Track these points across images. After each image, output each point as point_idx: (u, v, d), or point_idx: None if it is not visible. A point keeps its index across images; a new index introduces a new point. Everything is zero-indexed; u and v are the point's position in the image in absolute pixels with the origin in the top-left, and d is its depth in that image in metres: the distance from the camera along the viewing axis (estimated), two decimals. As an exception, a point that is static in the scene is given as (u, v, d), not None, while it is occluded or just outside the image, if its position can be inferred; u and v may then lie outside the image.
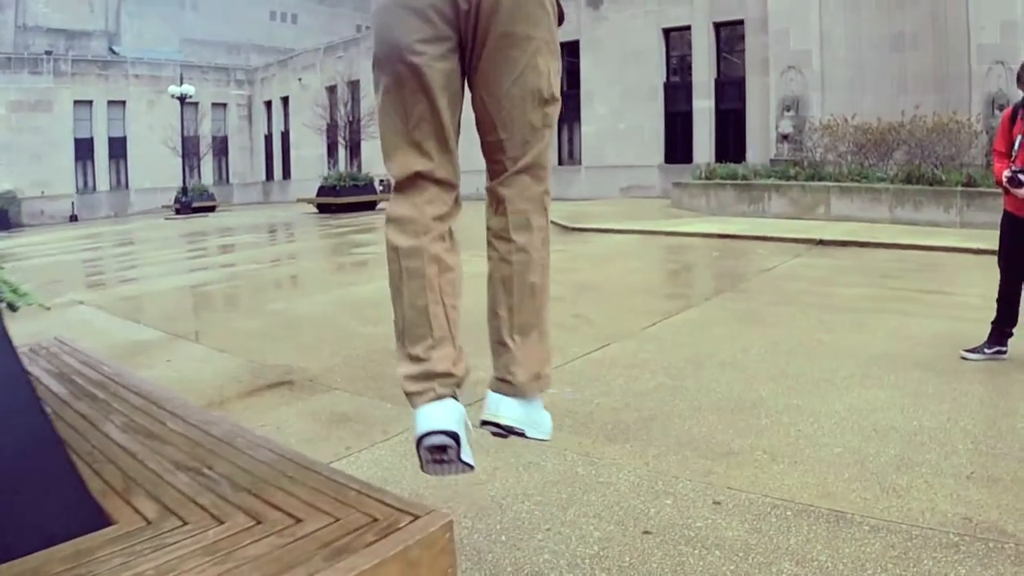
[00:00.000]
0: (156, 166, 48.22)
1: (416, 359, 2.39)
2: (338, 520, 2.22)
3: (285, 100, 51.94)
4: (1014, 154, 6.04)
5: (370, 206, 32.07)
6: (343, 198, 31.27)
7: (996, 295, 6.38)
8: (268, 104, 54.52)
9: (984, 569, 3.17)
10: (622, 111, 32.00)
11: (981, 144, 19.68)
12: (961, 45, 22.32)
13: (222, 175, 55.58)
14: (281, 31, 64.20)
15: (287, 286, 12.10)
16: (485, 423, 2.54)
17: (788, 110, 24.77)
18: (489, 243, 2.62)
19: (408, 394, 2.40)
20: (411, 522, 2.19)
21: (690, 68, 30.93)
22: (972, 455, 4.39)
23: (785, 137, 23.65)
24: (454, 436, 2.30)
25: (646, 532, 3.62)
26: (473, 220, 2.75)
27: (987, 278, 7.76)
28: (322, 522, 2.21)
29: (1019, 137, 6.04)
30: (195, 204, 39.48)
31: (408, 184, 2.43)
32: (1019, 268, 6.28)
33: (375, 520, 2.21)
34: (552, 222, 6.59)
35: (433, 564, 2.16)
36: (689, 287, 11.45)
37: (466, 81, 2.48)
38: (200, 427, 3.00)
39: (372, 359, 6.90)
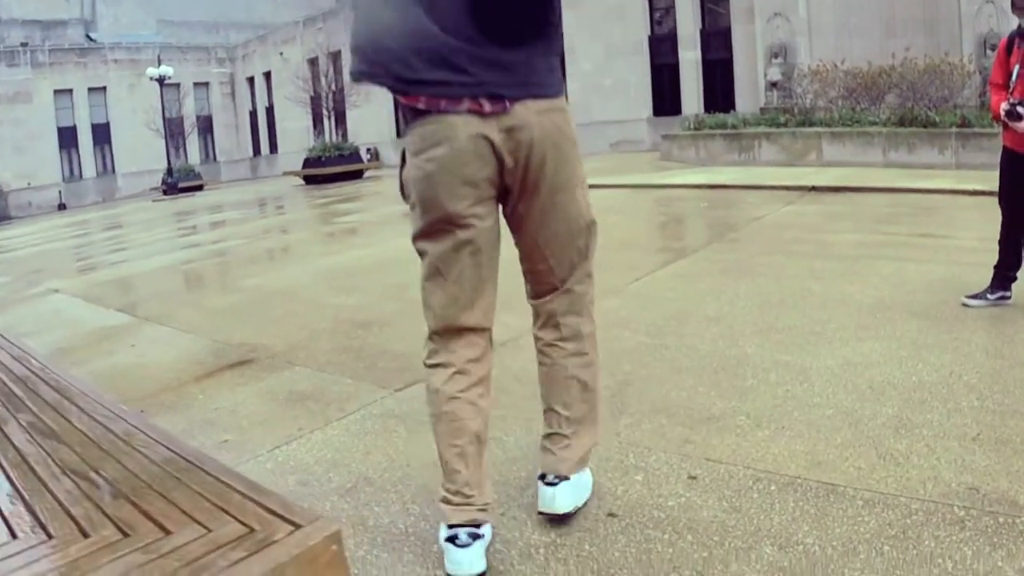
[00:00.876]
0: (141, 149, 48.24)
1: (451, 492, 2.79)
2: (209, 532, 1.91)
3: (267, 75, 51.69)
4: (1012, 85, 5.61)
5: (357, 175, 31.84)
6: (329, 168, 31.05)
7: (997, 237, 5.98)
8: (251, 80, 54.40)
9: (993, 549, 2.75)
10: (607, 66, 31.67)
11: (974, 85, 19.48)
12: (950, -16, 21.78)
13: (209, 154, 55.60)
14: (259, 6, 63.41)
15: (264, 260, 11.68)
16: (542, 513, 3.09)
17: (776, 57, 24.36)
18: (540, 351, 3.15)
19: (444, 512, 2.81)
20: (289, 534, 1.88)
21: (675, 20, 30.47)
22: (977, 413, 3.97)
23: (774, 85, 23.22)
24: None
25: (611, 514, 3.20)
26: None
27: (986, 220, 7.39)
28: (192, 534, 1.91)
29: (1016, 67, 5.61)
30: (181, 184, 39.23)
31: (445, 333, 2.82)
32: (1021, 208, 5.84)
33: (251, 531, 1.89)
34: None
35: (317, 583, 1.82)
36: (676, 240, 10.99)
37: (507, 219, 2.84)
38: (104, 424, 2.76)
39: (338, 331, 6.57)
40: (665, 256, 8.49)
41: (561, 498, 3.02)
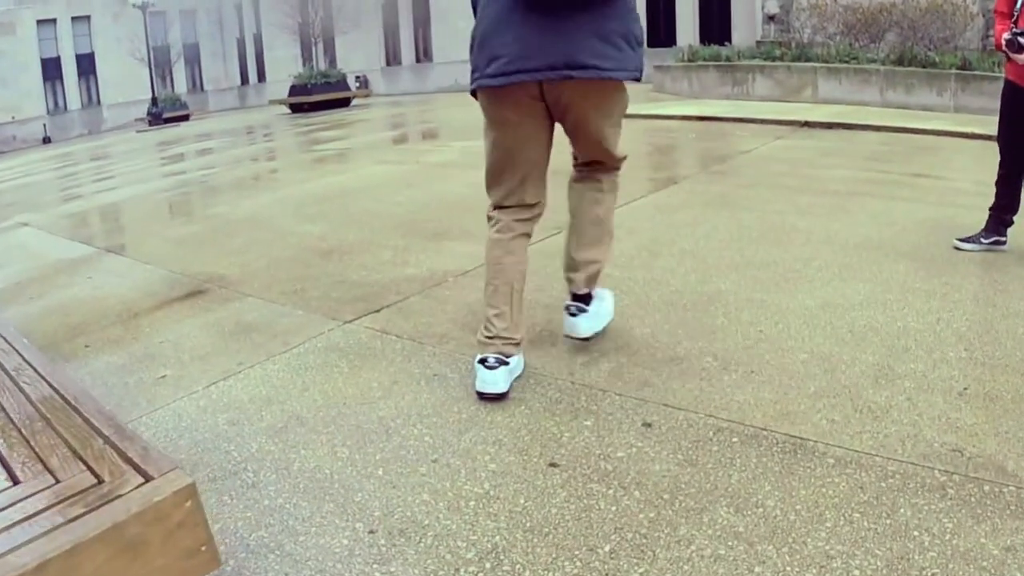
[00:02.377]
0: (127, 80, 47.57)
1: (486, 322, 3.45)
2: (58, 483, 1.77)
3: (255, 1, 50.40)
4: (1016, 13, 5.21)
5: (344, 103, 31.31)
6: (315, 96, 30.48)
7: (995, 178, 5.62)
8: (238, 7, 53.11)
9: (976, 523, 2.44)
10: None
11: (977, 27, 19.01)
12: (958, -78, 21.16)
13: (196, 83, 54.88)
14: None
15: (236, 189, 11.22)
16: (568, 336, 3.87)
17: (775, -10, 23.77)
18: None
19: (479, 344, 3.47)
20: (136, 487, 1.68)
21: (673, -53, 29.74)
22: (966, 365, 3.64)
23: (771, 18, 22.70)
24: (500, 396, 3.39)
25: (552, 464, 2.87)
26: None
27: (982, 164, 7.06)
28: (40, 484, 1.78)
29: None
30: (166, 115, 38.50)
31: (501, 206, 3.56)
32: (1021, 147, 5.49)
33: (99, 483, 1.74)
34: None
35: (168, 543, 1.64)
36: (659, 171, 10.48)
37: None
38: (12, 375, 2.57)
39: (298, 259, 6.22)
40: (645, 186, 8.05)
41: (584, 326, 3.80)
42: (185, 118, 39.54)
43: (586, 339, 3.82)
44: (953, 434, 2.98)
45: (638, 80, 3.34)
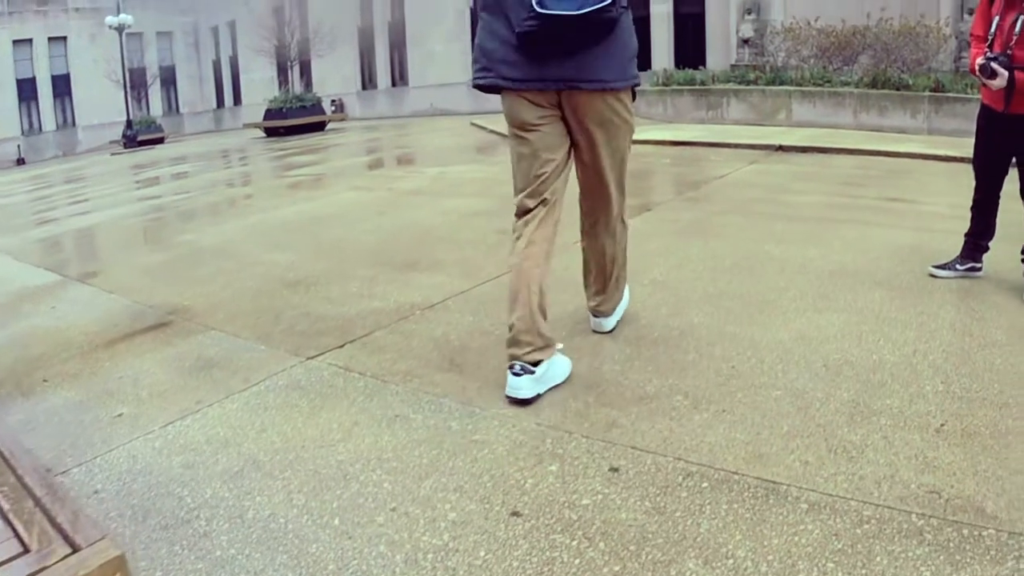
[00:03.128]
0: (103, 101, 47.29)
1: (509, 326, 3.72)
2: None
3: (231, 24, 50.37)
4: (991, 36, 5.15)
5: (319, 127, 31.20)
6: (290, 120, 30.37)
7: (970, 203, 5.55)
8: (215, 29, 53.03)
9: (955, 570, 2.34)
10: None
11: (950, 49, 19.29)
12: (931, -55, 21.38)
13: (172, 105, 54.67)
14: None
15: (205, 215, 11.09)
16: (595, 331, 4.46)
17: (749, 13, 23.81)
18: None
19: (508, 354, 3.70)
20: (63, 559, 1.58)
21: (647, -29, 29.80)
22: (943, 399, 3.54)
23: (746, 42, 22.72)
24: (524, 402, 3.62)
25: (515, 514, 2.75)
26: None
27: (957, 186, 7.01)
28: None
29: (996, 18, 5.15)
30: (141, 137, 38.16)
31: (523, 211, 3.83)
32: (997, 170, 5.43)
33: (25, 551, 1.67)
34: (499, 134, 10.46)
35: (94, 619, 1.48)
36: (631, 198, 10.20)
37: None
38: None
39: (264, 290, 6.07)
40: (616, 212, 7.98)
41: (606, 324, 4.51)
42: (160, 141, 39.26)
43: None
44: (930, 474, 2.88)
45: (636, 86, 3.85)
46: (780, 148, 13.37)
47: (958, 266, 5.53)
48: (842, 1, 21.55)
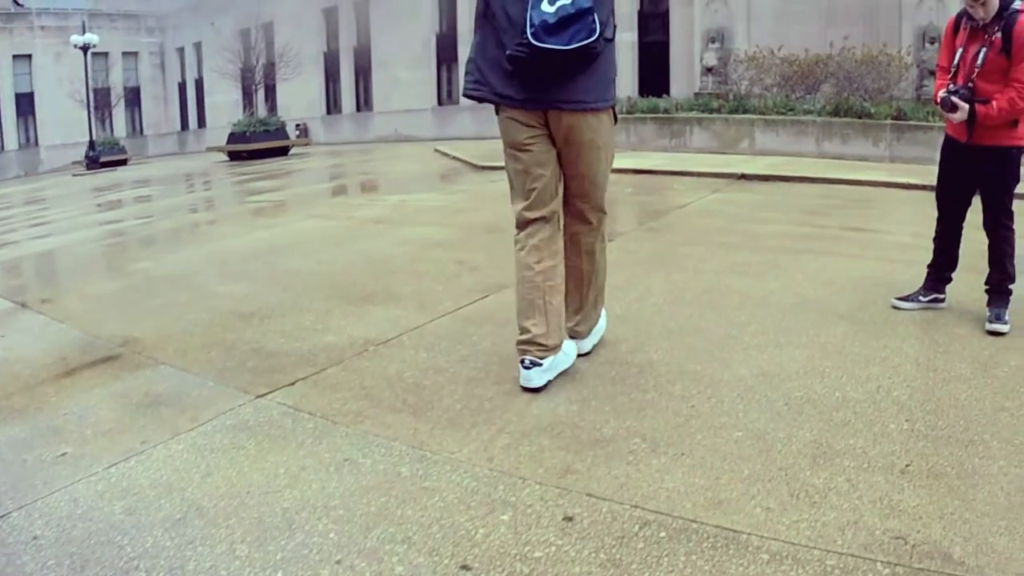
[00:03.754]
0: (67, 121, 46.62)
1: (521, 329, 4.11)
2: None
3: (198, 46, 50.03)
4: (955, 68, 5.12)
5: (283, 151, 30.88)
6: (254, 144, 30.00)
7: (933, 234, 5.50)
8: (181, 51, 52.62)
9: (924, 622, 2.22)
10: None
11: (911, 77, 19.49)
12: (892, -25, 21.61)
13: (136, 127, 53.97)
14: (194, -27, 61.69)
15: (162, 241, 10.88)
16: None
17: (713, 42, 23.85)
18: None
19: (518, 350, 4.13)
20: None
21: (612, -1, 29.84)
22: (907, 439, 3.46)
23: (709, 70, 22.76)
24: (536, 390, 4.07)
25: (464, 567, 2.62)
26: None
27: (920, 215, 6.97)
28: None
29: (960, 50, 5.14)
30: (103, 159, 37.58)
31: (522, 222, 4.21)
32: (960, 202, 5.40)
33: None
34: (461, 160, 12.51)
35: None
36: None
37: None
38: None
39: (216, 323, 5.88)
40: (579, 245, 7.88)
41: (583, 347, 4.63)
42: (123, 162, 38.68)
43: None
44: (896, 519, 2.78)
45: (614, 107, 4.22)
46: (743, 176, 13.37)
47: (921, 298, 5.48)
48: (805, 30, 21.71)
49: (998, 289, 5.21)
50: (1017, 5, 4.91)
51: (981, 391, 4.03)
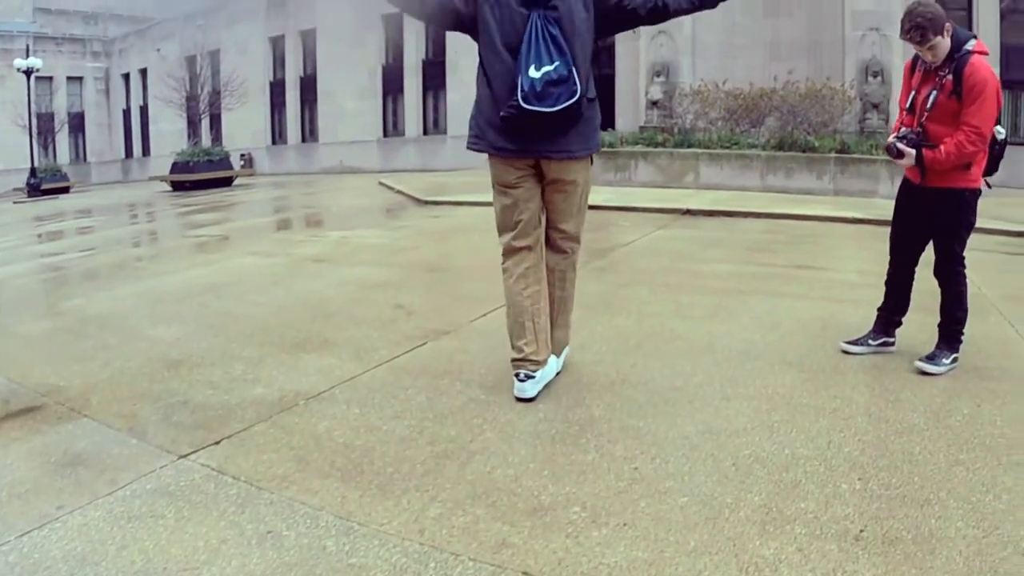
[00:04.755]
0: (9, 146, 45.69)
1: (516, 348, 4.62)
2: None
3: (144, 72, 49.43)
4: (907, 109, 5.10)
5: (226, 182, 30.51)
6: (197, 175, 29.62)
7: (878, 268, 5.42)
8: (126, 77, 51.93)
9: None
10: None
11: (855, 111, 19.76)
12: (836, 11, 21.97)
13: (79, 154, 53.05)
14: (141, -1, 60.98)
15: (98, 277, 10.49)
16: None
17: (658, 76, 23.90)
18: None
19: (513, 365, 4.64)
20: None
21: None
22: (861, 499, 3.31)
23: (655, 103, 22.79)
24: (531, 400, 4.55)
25: (388, 661, 2.40)
26: None
27: (865, 250, 6.89)
28: None
29: (913, 93, 5.11)
30: (45, 186, 36.84)
31: (509, 250, 4.72)
32: (913, 246, 5.31)
33: None
34: (405, 194, 12.69)
35: None
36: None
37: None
38: None
39: (144, 371, 5.57)
40: (517, 288, 7.67)
41: (556, 364, 4.93)
42: (65, 190, 37.85)
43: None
44: (852, 597, 2.60)
45: (597, 151, 4.82)
46: (688, 212, 13.34)
47: (871, 341, 5.39)
48: (750, 64, 21.87)
49: (947, 334, 5.12)
50: (970, 45, 4.82)
51: (935, 443, 3.90)
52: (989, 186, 5.17)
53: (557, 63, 4.23)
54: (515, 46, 4.33)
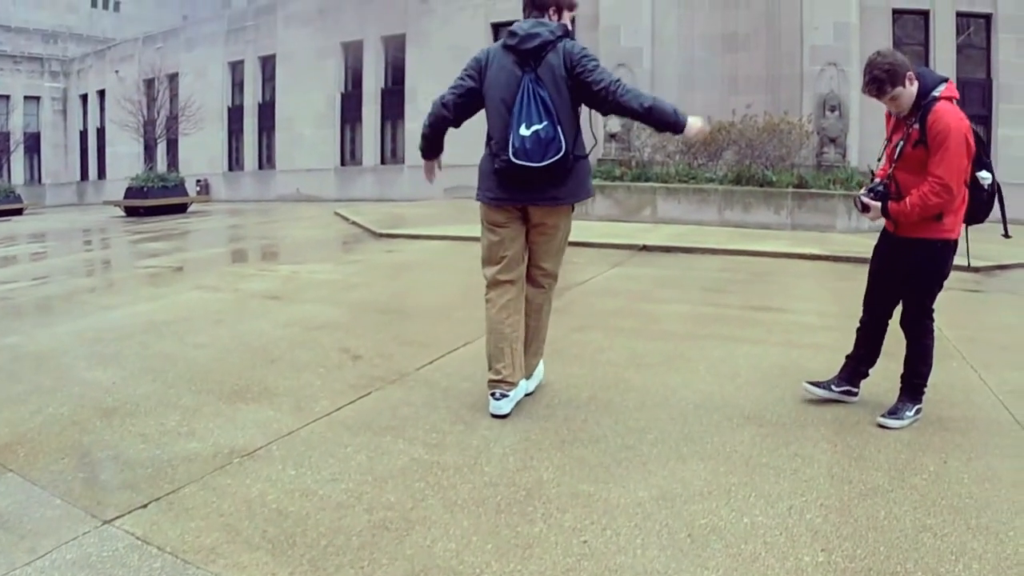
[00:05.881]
0: (-35, 166, 45.07)
1: (494, 371, 5.10)
2: None
3: (102, 93, 48.77)
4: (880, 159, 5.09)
5: (181, 208, 30.07)
6: (151, 200, 29.12)
7: (837, 310, 5.29)
8: (84, 98, 51.24)
9: None
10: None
11: (812, 145, 19.85)
12: (794, 46, 22.15)
13: (34, 175, 52.28)
14: (102, 19, 60.14)
15: (40, 311, 10.07)
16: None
17: (617, 108, 23.87)
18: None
19: (489, 385, 5.10)
20: None
21: (519, 64, 29.92)
22: (824, 574, 3.08)
23: (613, 136, 22.66)
24: (505, 416, 4.98)
25: None
26: None
27: (823, 289, 6.75)
28: None
29: (885, 142, 5.05)
30: (-4, 208, 36.29)
31: (493, 283, 5.23)
32: (888, 295, 5.17)
33: None
34: (360, 226, 13.32)
35: None
36: (483, 312, 9.95)
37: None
38: None
39: (76, 420, 5.26)
40: (466, 332, 7.35)
41: (530, 385, 5.47)
42: (18, 212, 37.19)
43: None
44: None
45: (587, 198, 5.34)
46: (644, 248, 13.24)
47: (834, 387, 5.27)
48: (708, 97, 21.88)
49: (910, 387, 5.00)
50: (937, 91, 4.69)
51: (900, 506, 3.75)
52: (1008, 235, 5.05)
53: (545, 123, 4.74)
54: (511, 105, 4.85)
